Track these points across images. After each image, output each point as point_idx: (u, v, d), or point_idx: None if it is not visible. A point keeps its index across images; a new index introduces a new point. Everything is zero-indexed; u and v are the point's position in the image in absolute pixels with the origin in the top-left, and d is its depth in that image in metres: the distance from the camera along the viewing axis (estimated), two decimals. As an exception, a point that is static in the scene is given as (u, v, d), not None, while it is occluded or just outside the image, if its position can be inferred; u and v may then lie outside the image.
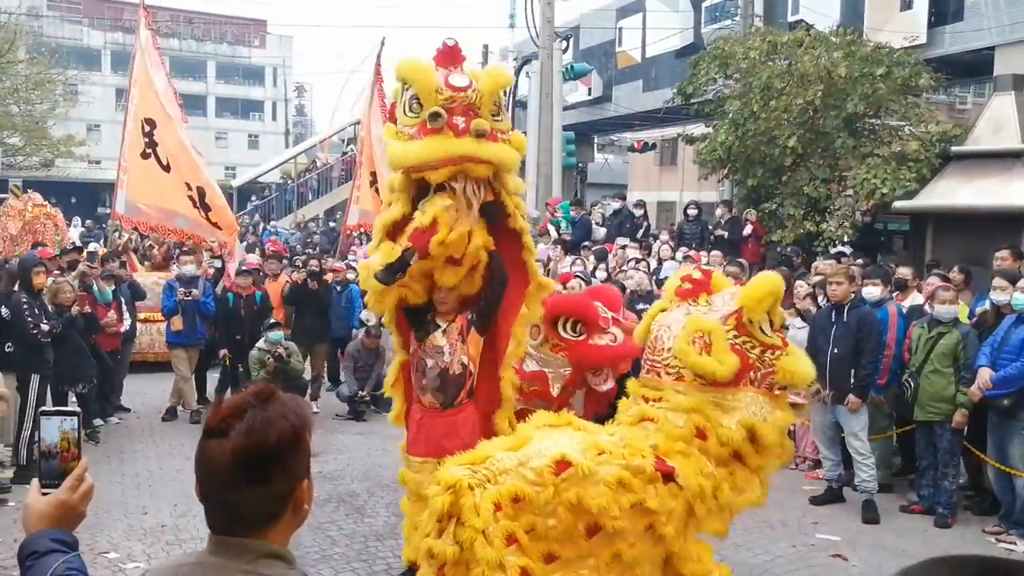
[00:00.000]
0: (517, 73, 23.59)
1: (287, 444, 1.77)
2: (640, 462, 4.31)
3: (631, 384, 5.00)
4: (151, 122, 12.27)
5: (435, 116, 4.97)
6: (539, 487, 4.09)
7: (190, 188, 12.12)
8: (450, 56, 5.34)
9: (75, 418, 2.01)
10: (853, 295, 8.04)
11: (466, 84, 5.10)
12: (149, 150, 12.31)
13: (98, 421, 10.08)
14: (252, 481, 1.75)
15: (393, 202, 5.54)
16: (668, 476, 4.38)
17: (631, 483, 4.18)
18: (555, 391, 6.12)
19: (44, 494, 1.93)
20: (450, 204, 5.18)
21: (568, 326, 6.13)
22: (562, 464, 4.16)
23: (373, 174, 14.64)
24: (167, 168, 12.22)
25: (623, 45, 26.72)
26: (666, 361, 4.70)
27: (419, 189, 5.39)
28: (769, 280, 4.78)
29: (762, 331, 4.59)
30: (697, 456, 4.46)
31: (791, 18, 19.20)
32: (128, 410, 11.14)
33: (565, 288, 7.59)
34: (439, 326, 5.68)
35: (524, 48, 24.49)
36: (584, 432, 4.49)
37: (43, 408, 2.16)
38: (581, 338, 6.11)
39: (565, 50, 21.75)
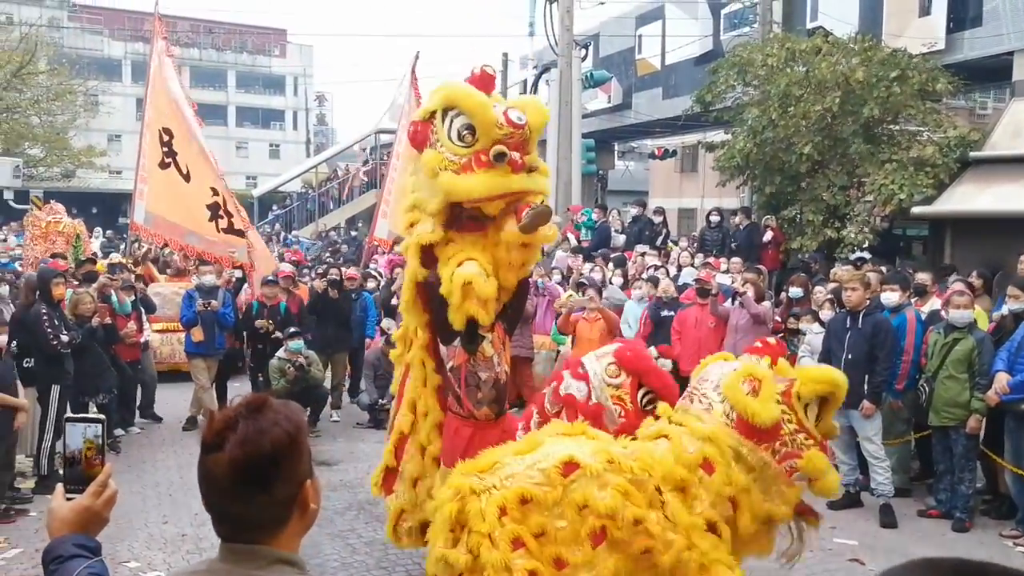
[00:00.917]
0: (536, 80, 23.70)
1: (283, 450, 1.78)
2: (646, 479, 4.23)
3: (661, 406, 4.94)
4: (169, 132, 12.34)
5: (501, 155, 5.07)
6: (547, 487, 4.07)
7: (216, 193, 12.15)
8: (487, 83, 5.41)
9: (99, 425, 2.05)
10: (868, 301, 8.03)
11: (523, 121, 5.19)
12: (168, 159, 12.39)
13: (119, 431, 10.18)
14: (252, 490, 1.77)
15: (423, 222, 5.58)
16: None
17: (635, 497, 4.12)
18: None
19: (68, 499, 1.97)
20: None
21: (645, 399, 5.61)
22: (570, 465, 4.14)
23: None
24: (187, 177, 12.29)
25: (642, 52, 26.75)
26: (703, 391, 4.62)
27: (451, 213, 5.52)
28: (832, 372, 4.63)
29: (806, 414, 4.44)
30: (693, 493, 4.29)
31: (810, 25, 19.16)
32: (160, 419, 11.22)
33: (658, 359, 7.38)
34: (485, 337, 5.62)
35: (544, 56, 24.53)
36: (597, 440, 4.47)
37: (68, 415, 2.21)
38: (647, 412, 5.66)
39: (584, 58, 21.77)
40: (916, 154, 13.68)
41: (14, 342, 8.16)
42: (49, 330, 8.43)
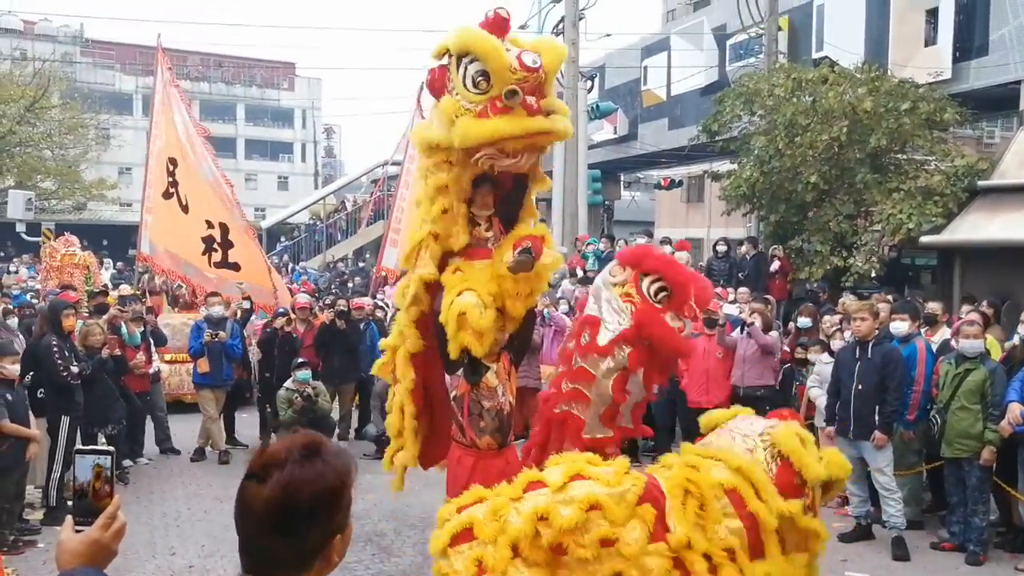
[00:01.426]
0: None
1: (322, 503, 1.80)
2: (623, 489, 3.91)
3: (705, 420, 4.68)
4: (174, 161, 12.48)
5: (512, 94, 5.02)
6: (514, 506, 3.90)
7: (211, 226, 12.20)
8: (501, 26, 5.35)
9: (109, 457, 2.04)
10: (877, 331, 8.00)
11: (537, 64, 5.15)
12: (172, 189, 12.53)
13: (127, 462, 10.17)
14: (284, 532, 1.78)
15: (423, 260, 5.68)
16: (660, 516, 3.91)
17: (608, 509, 3.81)
18: (603, 340, 5.51)
19: (78, 531, 1.96)
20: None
21: (653, 288, 5.52)
22: (533, 484, 4.00)
23: None
24: (185, 208, 12.39)
25: (648, 84, 26.88)
26: (746, 431, 4.40)
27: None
28: (847, 462, 4.45)
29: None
30: (710, 513, 3.99)
31: (815, 55, 19.28)
32: (179, 452, 11.17)
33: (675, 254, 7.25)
34: (489, 367, 5.63)
35: (549, 88, 24.65)
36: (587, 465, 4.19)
37: (77, 447, 2.19)
38: (659, 306, 5.49)
39: (590, 89, 21.91)
40: (924, 183, 13.70)
41: (29, 373, 8.22)
42: (59, 361, 8.45)
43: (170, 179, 12.48)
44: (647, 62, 27.02)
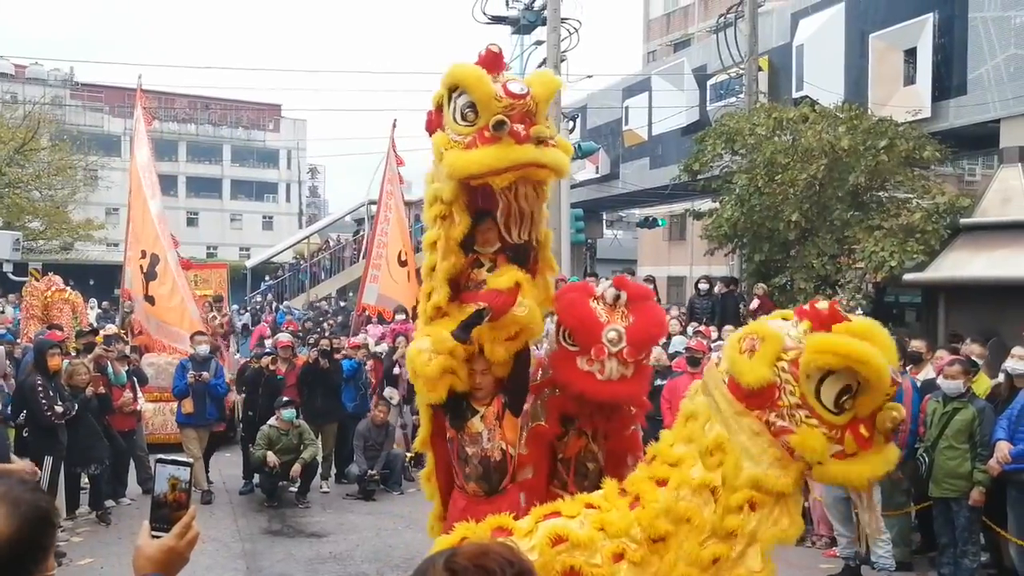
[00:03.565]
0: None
1: None
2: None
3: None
4: (130, 191, 13.10)
5: (500, 124, 4.81)
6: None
7: (144, 256, 12.69)
8: (494, 62, 5.26)
9: (188, 468, 2.16)
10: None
11: (524, 92, 4.98)
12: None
13: (110, 502, 10.04)
14: None
15: (436, 287, 5.33)
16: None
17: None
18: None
19: (154, 537, 2.09)
20: (525, 276, 5.12)
21: (566, 335, 5.37)
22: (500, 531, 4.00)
23: (401, 253, 14.99)
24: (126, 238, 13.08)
25: (629, 123, 27.11)
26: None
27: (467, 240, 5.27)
28: (852, 344, 3.69)
29: (818, 390, 3.72)
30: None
31: (796, 94, 19.51)
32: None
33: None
34: (476, 411, 5.42)
35: (533, 128, 24.85)
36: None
37: (159, 456, 2.24)
38: (573, 350, 5.32)
39: (572, 130, 22.07)
40: (905, 221, 13.81)
41: (22, 412, 8.20)
42: (43, 401, 8.40)
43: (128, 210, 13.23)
44: (628, 102, 27.27)
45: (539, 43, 22.35)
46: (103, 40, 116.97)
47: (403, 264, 15.36)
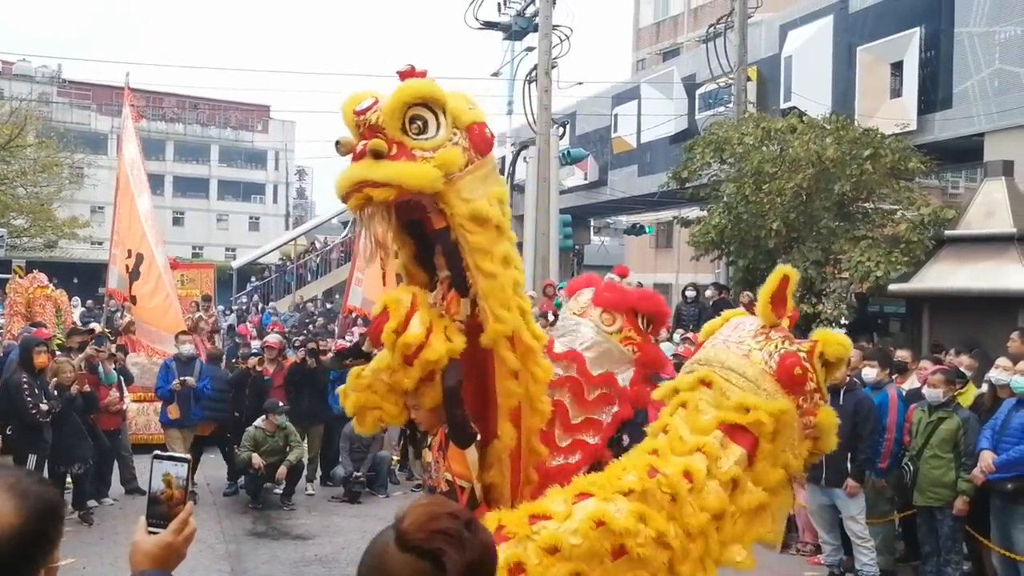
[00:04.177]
0: (515, 158, 24.04)
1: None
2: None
3: (691, 364, 4.62)
4: (117, 188, 12.95)
5: (336, 144, 4.36)
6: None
7: (129, 255, 12.56)
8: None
9: (185, 464, 2.14)
10: (849, 378, 8.04)
11: (367, 106, 4.36)
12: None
13: (92, 502, 9.99)
14: None
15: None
16: None
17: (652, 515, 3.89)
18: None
19: (151, 533, 2.07)
20: (415, 296, 4.43)
21: (645, 320, 5.53)
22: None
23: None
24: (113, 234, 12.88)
25: (618, 131, 27.22)
26: (740, 338, 4.38)
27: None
28: (847, 339, 4.77)
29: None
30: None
31: (784, 105, 19.65)
32: (144, 492, 10.95)
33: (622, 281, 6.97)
34: (428, 441, 5.09)
35: (522, 134, 24.95)
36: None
37: (156, 452, 2.24)
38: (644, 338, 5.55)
39: (562, 136, 22.15)
40: (890, 232, 13.91)
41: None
42: (29, 399, 8.37)
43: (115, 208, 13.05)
44: (617, 110, 27.39)
45: (530, 49, 22.43)
46: (95, 39, 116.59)
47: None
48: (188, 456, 2.18)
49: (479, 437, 4.68)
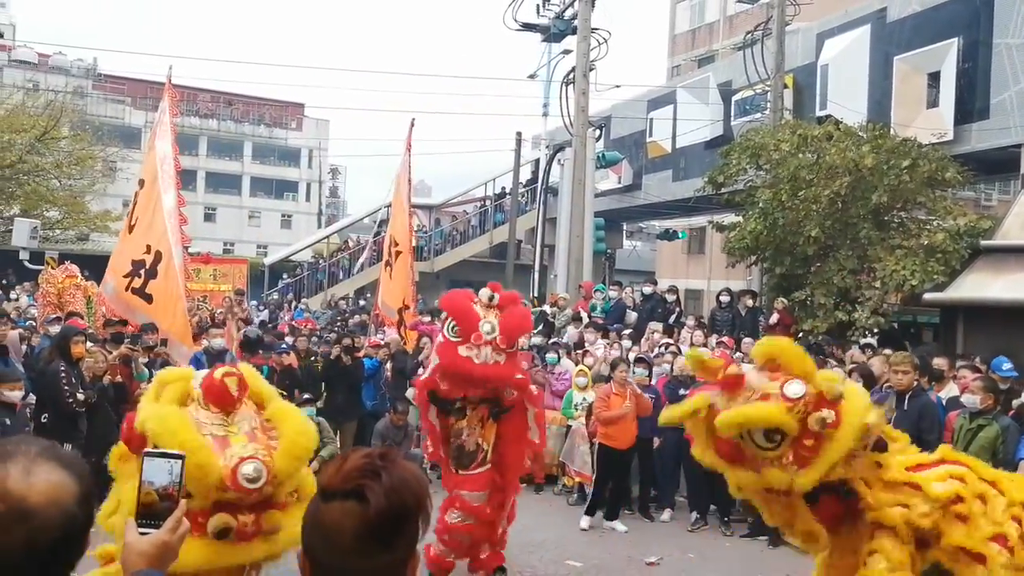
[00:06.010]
0: (550, 160, 24.10)
1: (420, 505, 1.75)
2: None
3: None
4: (141, 182, 12.35)
5: (224, 532, 3.23)
6: None
7: (148, 251, 11.79)
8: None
9: (179, 461, 2.06)
10: (916, 384, 7.99)
11: (260, 479, 3.18)
12: (130, 212, 12.52)
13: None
14: (380, 546, 1.70)
15: None
16: None
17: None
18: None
19: (143, 533, 1.99)
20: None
21: (451, 326, 6.80)
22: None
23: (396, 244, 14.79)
24: (131, 228, 12.11)
25: (654, 135, 27.15)
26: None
27: None
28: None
29: None
30: None
31: (819, 113, 19.54)
32: None
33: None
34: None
35: (557, 136, 24.98)
36: None
37: (147, 449, 2.20)
38: (456, 340, 6.72)
39: (597, 139, 22.14)
40: (926, 241, 13.82)
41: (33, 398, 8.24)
42: (66, 388, 8.44)
43: (133, 203, 12.46)
44: (653, 114, 27.32)
45: (567, 52, 22.47)
46: (129, 32, 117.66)
47: (387, 265, 15.12)
48: (182, 452, 2.11)
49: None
